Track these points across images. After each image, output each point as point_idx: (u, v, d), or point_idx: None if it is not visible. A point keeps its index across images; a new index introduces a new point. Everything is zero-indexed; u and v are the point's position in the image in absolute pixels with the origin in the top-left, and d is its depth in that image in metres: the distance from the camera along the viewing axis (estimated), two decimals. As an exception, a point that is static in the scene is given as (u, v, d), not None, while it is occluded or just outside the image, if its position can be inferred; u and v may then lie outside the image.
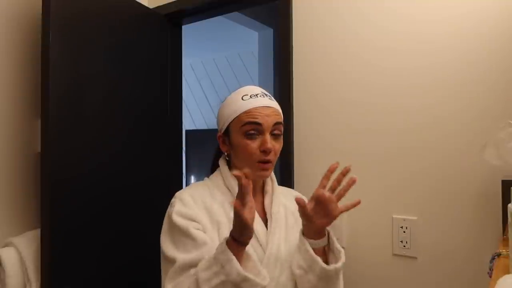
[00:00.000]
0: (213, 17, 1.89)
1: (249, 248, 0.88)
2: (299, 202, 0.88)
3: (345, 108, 1.38)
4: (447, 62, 1.20)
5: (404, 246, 1.26)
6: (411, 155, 1.25)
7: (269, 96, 1.04)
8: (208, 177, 1.12)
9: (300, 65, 1.48)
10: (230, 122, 1.01)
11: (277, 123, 1.00)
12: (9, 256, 1.43)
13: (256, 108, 0.99)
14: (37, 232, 1.43)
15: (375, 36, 1.32)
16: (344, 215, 1.35)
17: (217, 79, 4.28)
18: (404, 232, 1.26)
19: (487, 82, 1.14)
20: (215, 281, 0.81)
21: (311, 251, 0.92)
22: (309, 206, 0.90)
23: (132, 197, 1.67)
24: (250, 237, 0.84)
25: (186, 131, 4.06)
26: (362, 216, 1.33)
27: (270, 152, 0.98)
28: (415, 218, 1.24)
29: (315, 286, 0.93)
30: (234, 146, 1.02)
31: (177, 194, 1.02)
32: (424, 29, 1.23)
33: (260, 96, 1.02)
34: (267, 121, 0.98)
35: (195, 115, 4.43)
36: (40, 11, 1.39)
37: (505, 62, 1.11)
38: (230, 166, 1.07)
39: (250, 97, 1.01)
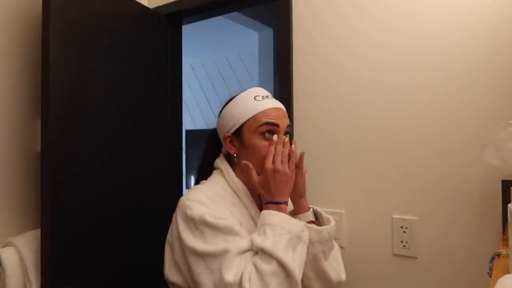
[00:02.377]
0: (213, 17, 1.89)
1: None
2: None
3: (345, 108, 1.38)
4: (448, 60, 1.20)
5: (404, 246, 1.26)
6: (411, 154, 1.25)
7: (273, 99, 1.05)
8: (202, 179, 1.08)
9: (300, 65, 1.48)
10: (244, 122, 1.00)
11: (288, 125, 1.03)
12: (9, 256, 1.43)
13: (271, 109, 1.00)
14: (37, 232, 1.43)
15: (376, 35, 1.32)
16: (344, 215, 1.36)
17: (217, 79, 4.28)
18: (404, 232, 1.26)
19: (488, 81, 1.14)
20: (283, 241, 0.85)
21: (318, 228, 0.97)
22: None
23: (132, 196, 1.67)
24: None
25: (186, 131, 4.07)
26: (362, 216, 1.33)
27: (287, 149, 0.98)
28: (415, 218, 1.24)
29: (314, 252, 0.96)
30: (246, 147, 0.99)
31: (190, 196, 0.95)
32: (425, 26, 1.23)
33: (270, 97, 1.04)
34: (283, 123, 1.00)
35: (195, 115, 4.43)
36: (40, 11, 1.39)
37: (506, 60, 1.11)
38: (232, 168, 1.04)
39: (263, 98, 1.02)
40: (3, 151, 1.53)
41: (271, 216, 0.90)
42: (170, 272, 0.95)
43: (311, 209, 1.05)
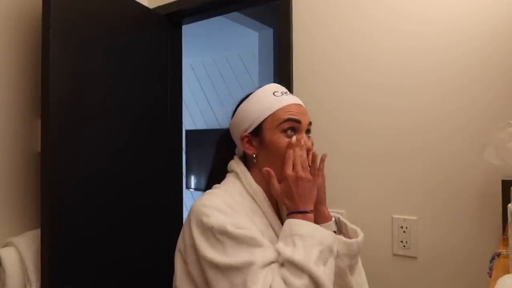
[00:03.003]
0: (213, 17, 1.89)
1: None
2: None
3: (346, 108, 1.38)
4: (447, 60, 1.20)
5: (404, 246, 1.26)
6: (411, 155, 1.25)
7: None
8: (214, 183, 0.99)
9: (300, 65, 1.48)
10: (264, 119, 0.92)
11: (310, 123, 0.96)
12: (9, 256, 1.43)
13: (292, 105, 0.93)
14: (37, 232, 1.43)
15: (376, 35, 1.32)
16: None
17: (217, 79, 4.28)
18: (404, 232, 1.26)
19: (487, 81, 1.14)
20: (314, 253, 0.78)
21: (345, 239, 0.90)
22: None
23: (132, 196, 1.67)
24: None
25: (186, 131, 4.06)
26: (362, 216, 1.33)
27: (310, 152, 0.92)
28: (415, 218, 1.24)
29: (341, 266, 0.88)
30: (267, 146, 0.92)
31: (207, 202, 0.85)
32: (425, 27, 1.23)
33: (289, 94, 0.97)
34: (305, 120, 0.94)
35: (195, 115, 4.43)
36: (40, 11, 1.39)
37: (505, 60, 1.11)
38: (250, 171, 0.96)
39: (282, 93, 0.96)
40: (3, 151, 1.53)
41: (300, 225, 0.83)
42: (182, 284, 0.86)
43: (333, 218, 0.97)
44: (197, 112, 4.43)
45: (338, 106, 1.39)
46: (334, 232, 0.93)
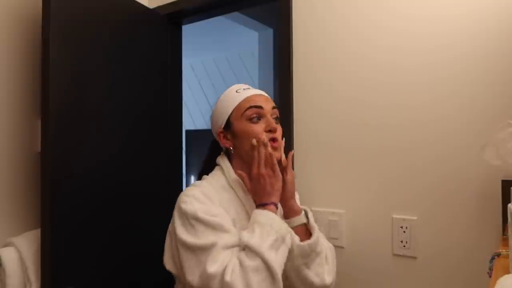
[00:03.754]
0: (213, 17, 1.89)
1: None
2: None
3: (346, 108, 1.38)
4: (447, 60, 1.20)
5: (404, 246, 1.26)
6: (411, 154, 1.25)
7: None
8: (201, 175, 1.13)
9: (300, 65, 1.48)
10: (230, 114, 1.05)
11: (274, 107, 1.07)
12: (9, 256, 1.43)
13: (253, 96, 1.06)
14: (37, 232, 1.43)
15: (376, 35, 1.32)
16: (344, 215, 1.36)
17: (217, 79, 4.28)
18: (404, 232, 1.26)
19: (487, 81, 1.14)
20: (269, 240, 0.88)
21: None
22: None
23: (132, 197, 1.67)
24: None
25: (186, 131, 4.07)
26: (362, 216, 1.33)
27: (276, 131, 1.03)
28: (415, 218, 1.24)
29: (295, 264, 0.99)
30: (238, 135, 1.04)
31: (188, 192, 0.99)
32: (424, 27, 1.23)
33: (251, 88, 1.10)
34: (267, 105, 1.05)
35: (195, 115, 4.43)
36: (40, 11, 1.39)
37: (505, 60, 1.11)
38: (232, 163, 1.08)
39: (243, 89, 1.08)
40: (3, 151, 1.53)
41: (260, 215, 0.94)
42: (168, 262, 1.01)
43: (303, 212, 1.07)
44: (197, 112, 4.43)
45: (337, 106, 1.39)
46: (305, 224, 1.04)
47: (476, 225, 1.14)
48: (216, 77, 4.29)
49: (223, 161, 1.09)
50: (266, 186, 0.98)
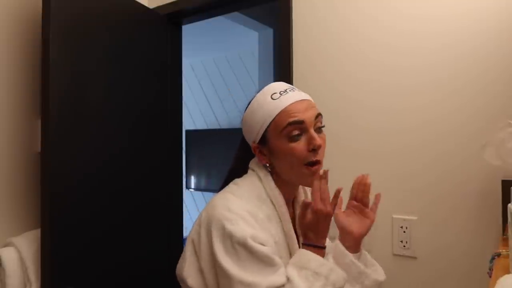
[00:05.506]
0: (213, 17, 1.89)
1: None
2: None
3: (346, 108, 1.38)
4: (447, 60, 1.20)
5: (404, 246, 1.26)
6: (411, 154, 1.25)
7: (297, 89, 0.93)
8: (233, 173, 0.99)
9: (300, 65, 1.48)
10: (267, 128, 0.89)
11: (317, 115, 0.90)
12: (9, 256, 1.43)
13: (292, 105, 0.87)
14: (37, 232, 1.43)
15: (376, 35, 1.32)
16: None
17: (217, 79, 4.28)
18: (404, 232, 1.26)
19: (488, 81, 1.14)
20: None
21: (358, 263, 0.89)
22: (344, 214, 0.94)
23: (132, 197, 1.67)
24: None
25: (186, 131, 4.06)
26: (362, 216, 1.33)
27: (319, 148, 0.89)
28: (415, 218, 1.24)
29: None
30: (276, 154, 0.89)
31: (232, 206, 0.85)
32: (425, 27, 1.23)
33: (289, 91, 0.90)
34: (308, 117, 0.87)
35: (195, 115, 4.43)
36: (40, 11, 1.39)
37: (505, 61, 1.11)
38: (272, 175, 0.93)
39: (280, 94, 0.89)
40: (3, 151, 1.53)
41: (319, 263, 0.83)
42: (190, 276, 0.86)
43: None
44: (197, 112, 4.43)
45: (338, 106, 1.39)
46: None
47: (476, 225, 1.14)
48: (216, 77, 4.29)
49: (260, 169, 0.93)
50: (326, 227, 0.86)
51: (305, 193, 1.02)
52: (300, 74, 1.48)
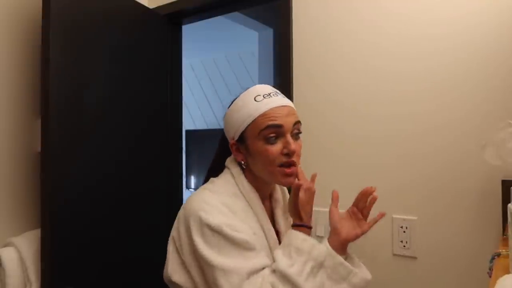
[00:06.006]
0: (213, 17, 1.89)
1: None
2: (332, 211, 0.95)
3: (345, 109, 1.38)
4: (446, 63, 1.20)
5: (404, 246, 1.26)
6: (411, 155, 1.25)
7: (281, 94, 0.96)
8: (210, 173, 1.03)
9: (300, 65, 1.48)
10: (246, 128, 0.92)
11: (296, 123, 0.93)
12: (9, 256, 1.43)
13: (273, 109, 0.90)
14: (37, 232, 1.43)
15: (376, 36, 1.32)
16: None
17: (217, 79, 4.28)
18: (404, 232, 1.26)
19: (486, 81, 1.14)
20: (307, 269, 0.83)
21: (346, 263, 0.90)
22: (340, 215, 0.95)
23: (132, 196, 1.67)
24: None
25: (186, 131, 4.06)
26: (362, 216, 1.33)
27: (293, 153, 0.91)
28: (415, 218, 1.24)
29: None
30: (252, 153, 0.92)
31: (206, 198, 0.89)
32: (426, 31, 1.23)
33: (273, 95, 0.94)
34: (287, 122, 0.91)
35: (195, 115, 4.43)
36: (40, 11, 1.39)
37: (505, 61, 1.11)
38: (245, 172, 0.97)
39: (263, 97, 0.93)
40: (3, 151, 1.53)
41: (301, 239, 0.87)
42: (175, 272, 0.90)
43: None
44: (197, 112, 4.43)
45: (338, 106, 1.39)
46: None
47: (476, 225, 1.14)
48: (216, 77, 4.29)
49: (234, 167, 0.97)
50: (312, 206, 0.93)
51: (281, 190, 1.06)
52: (300, 74, 1.48)
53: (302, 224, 0.91)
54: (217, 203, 0.87)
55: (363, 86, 1.34)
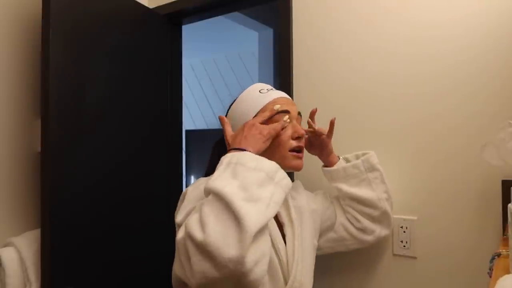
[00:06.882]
0: (213, 17, 1.89)
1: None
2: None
3: (346, 109, 1.38)
4: (445, 63, 1.20)
5: (404, 246, 1.26)
6: (411, 154, 1.25)
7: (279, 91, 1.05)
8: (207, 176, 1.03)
9: (300, 65, 1.48)
10: (255, 115, 0.97)
11: (299, 113, 1.04)
12: (9, 256, 1.43)
13: (279, 98, 1.00)
14: (37, 232, 1.43)
15: (376, 36, 1.32)
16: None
17: (217, 79, 4.28)
18: (404, 232, 1.26)
19: (486, 82, 1.14)
20: (226, 174, 0.75)
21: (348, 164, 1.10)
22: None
23: (132, 196, 1.67)
24: None
25: (186, 131, 4.07)
26: (362, 216, 1.33)
27: (303, 136, 1.00)
28: (415, 218, 1.24)
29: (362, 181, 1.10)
30: None
31: (196, 183, 0.92)
32: (426, 32, 1.23)
33: (274, 90, 1.04)
34: (293, 110, 1.00)
35: (195, 115, 4.43)
36: (40, 11, 1.39)
37: (505, 62, 1.11)
38: None
39: (267, 90, 1.02)
40: (3, 151, 1.53)
41: (229, 156, 0.79)
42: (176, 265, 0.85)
43: (341, 158, 1.18)
44: (197, 112, 4.43)
45: (338, 106, 1.39)
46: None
47: (476, 225, 1.14)
48: (216, 77, 4.29)
49: None
50: (253, 138, 0.86)
51: None
52: (300, 74, 1.48)
53: (231, 148, 0.87)
54: (203, 182, 0.87)
55: (363, 86, 1.34)
